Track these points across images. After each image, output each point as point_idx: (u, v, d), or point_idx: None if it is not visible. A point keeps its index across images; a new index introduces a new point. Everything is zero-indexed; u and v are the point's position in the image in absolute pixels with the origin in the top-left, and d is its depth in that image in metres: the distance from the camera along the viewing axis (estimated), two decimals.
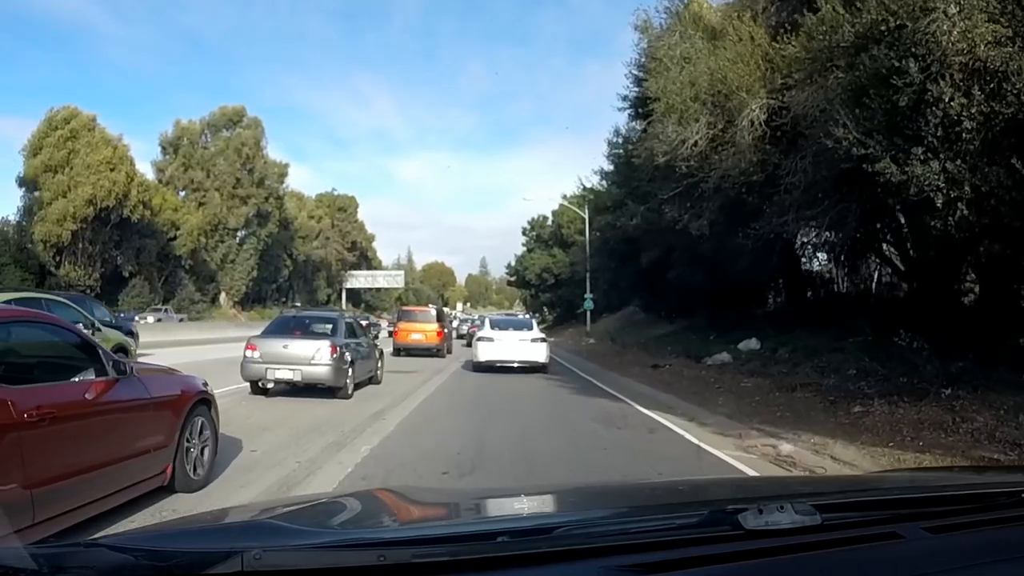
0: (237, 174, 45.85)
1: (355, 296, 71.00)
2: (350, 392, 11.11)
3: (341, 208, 70.63)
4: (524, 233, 60.64)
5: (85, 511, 3.76)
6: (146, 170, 43.05)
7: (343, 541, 1.17)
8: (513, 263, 61.79)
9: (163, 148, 46.72)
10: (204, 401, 5.29)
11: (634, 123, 20.82)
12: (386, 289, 76.97)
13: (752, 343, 16.54)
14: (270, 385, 10.77)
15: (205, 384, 5.44)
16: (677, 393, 12.36)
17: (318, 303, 57.37)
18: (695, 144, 11.32)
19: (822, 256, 21.32)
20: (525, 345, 16.25)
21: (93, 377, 4.02)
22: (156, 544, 1.14)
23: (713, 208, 13.06)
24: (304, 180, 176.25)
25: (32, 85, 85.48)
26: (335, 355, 10.61)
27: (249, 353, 10.64)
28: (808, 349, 13.92)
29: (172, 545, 1.14)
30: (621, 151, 23.71)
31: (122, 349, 12.77)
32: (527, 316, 30.96)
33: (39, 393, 3.52)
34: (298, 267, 57.36)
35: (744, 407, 10.28)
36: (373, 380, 13.04)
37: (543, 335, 17.87)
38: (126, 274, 36.87)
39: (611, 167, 27.10)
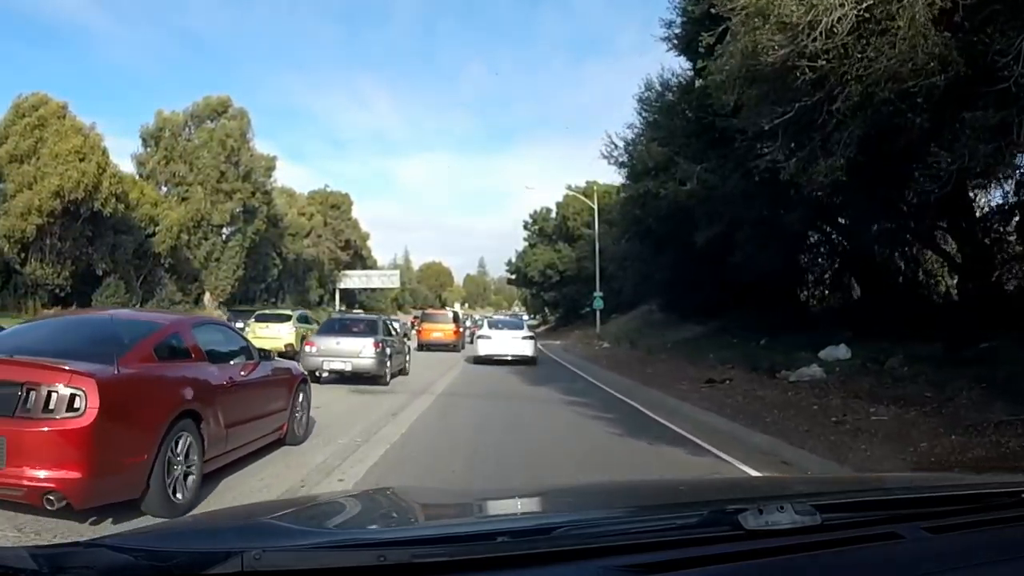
0: (221, 167, 42.76)
1: (349, 296, 68.20)
2: (388, 380, 13.26)
3: (334, 205, 67.03)
4: (525, 227, 55.36)
5: (245, 449, 5.66)
6: (130, 166, 41.64)
7: (343, 541, 1.17)
8: (514, 260, 56.77)
9: (144, 140, 43.53)
10: (304, 381, 7.32)
11: (681, 57, 16.57)
12: (381, 289, 74.58)
13: (840, 351, 13.05)
14: (324, 374, 12.60)
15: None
16: (779, 433, 8.27)
17: (309, 304, 54.97)
18: (831, 31, 7.05)
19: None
20: (517, 341, 19.32)
21: (245, 360, 5.95)
22: (156, 544, 1.14)
23: (851, 140, 8.37)
24: (302, 181, 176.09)
25: (20, 85, 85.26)
26: (378, 350, 12.91)
27: (308, 348, 12.95)
28: (934, 361, 10.20)
29: (172, 545, 1.14)
30: (659, 104, 18.98)
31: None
32: (518, 317, 33.87)
33: (226, 369, 5.46)
34: (288, 266, 54.55)
35: (925, 467, 6.48)
36: (403, 371, 15.06)
37: (532, 333, 21.49)
38: (100, 272, 34.20)
39: (645, 124, 20.70)
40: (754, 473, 6.54)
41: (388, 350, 13.49)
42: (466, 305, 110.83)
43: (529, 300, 73.14)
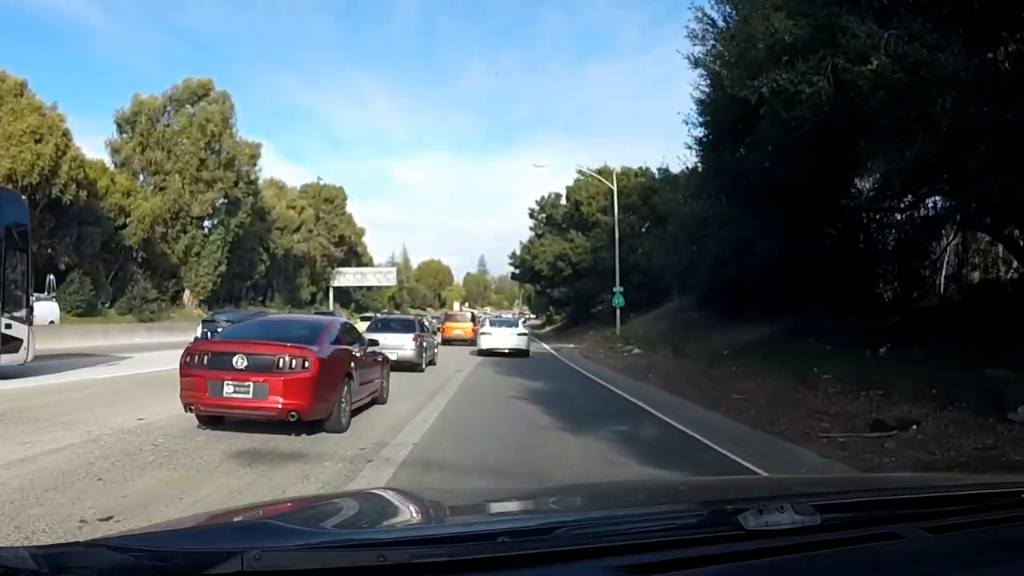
0: (201, 155, 39.46)
1: (343, 295, 65.12)
2: (423, 368, 16.47)
3: (328, 199, 62.58)
4: (532, 215, 48.59)
5: (364, 400, 9.11)
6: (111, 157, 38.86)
7: (343, 541, 1.17)
8: (518, 251, 49.76)
9: (119, 126, 39.91)
10: (387, 361, 10.98)
11: None
12: (378, 288, 71.77)
13: None
14: None
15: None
16: None
17: (301, 303, 52.93)
18: None
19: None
20: (512, 337, 22.91)
21: (360, 345, 9.39)
22: (156, 544, 1.14)
23: None
24: (301, 182, 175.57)
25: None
26: (417, 343, 16.19)
27: None
28: None
29: (172, 545, 1.14)
30: None
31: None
32: (514, 316, 37.81)
33: (356, 350, 8.90)
34: (276, 262, 50.68)
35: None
36: (432, 362, 18.11)
37: (526, 331, 25.38)
38: (63, 267, 31.17)
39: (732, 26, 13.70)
40: None
41: (424, 343, 16.86)
42: (466, 304, 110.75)
43: (533, 298, 68.92)
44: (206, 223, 41.71)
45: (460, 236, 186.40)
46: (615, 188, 32.88)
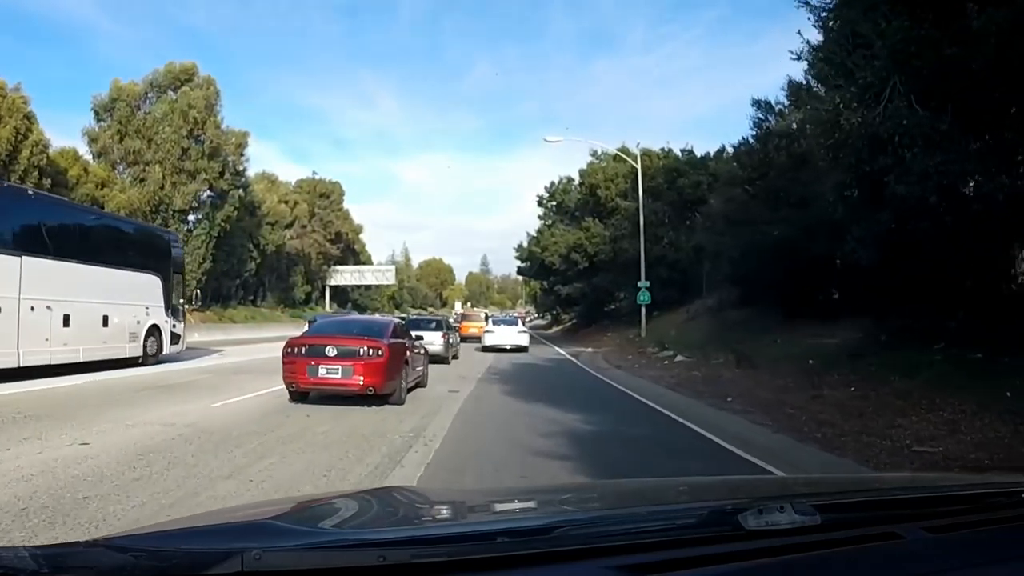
0: (183, 143, 36.77)
1: (341, 294, 62.50)
2: (449, 361, 19.40)
3: (323, 194, 59.22)
4: (540, 203, 43.11)
5: (413, 382, 11.47)
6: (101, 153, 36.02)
7: (343, 541, 1.17)
8: (525, 243, 44.41)
9: (96, 113, 37.20)
10: (427, 353, 13.47)
11: None
12: (376, 287, 69.58)
13: None
14: None
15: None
16: None
17: (295, 302, 51.33)
18: None
19: None
20: (514, 335, 25.90)
21: (409, 339, 11.70)
22: (156, 544, 1.14)
23: None
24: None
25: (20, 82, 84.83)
26: (445, 340, 19.33)
27: None
28: None
29: (172, 545, 1.14)
30: None
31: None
32: (514, 315, 39.77)
33: (407, 343, 11.24)
34: (268, 259, 47.53)
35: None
36: (455, 356, 20.97)
37: (526, 329, 28.45)
38: None
39: None
40: None
41: (450, 340, 20.08)
42: (468, 304, 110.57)
43: (539, 296, 66.30)
44: (190, 217, 38.95)
45: (462, 235, 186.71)
46: (639, 167, 28.62)
